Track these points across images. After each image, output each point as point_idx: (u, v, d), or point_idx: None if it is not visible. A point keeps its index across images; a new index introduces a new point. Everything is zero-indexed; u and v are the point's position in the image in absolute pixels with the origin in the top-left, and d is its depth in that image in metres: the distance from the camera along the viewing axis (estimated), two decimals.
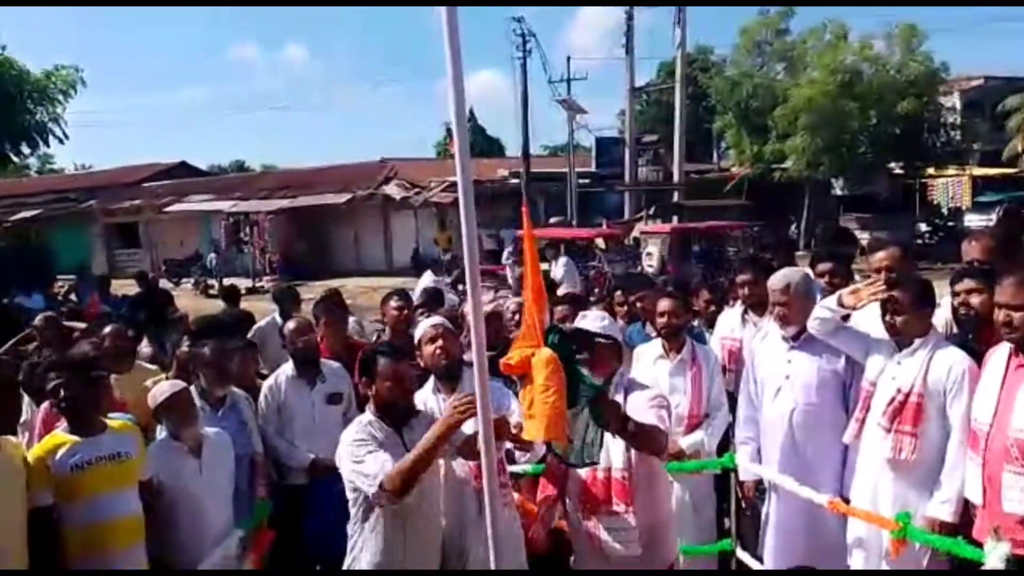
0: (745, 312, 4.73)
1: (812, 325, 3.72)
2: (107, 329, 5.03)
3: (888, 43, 24.87)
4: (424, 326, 3.62)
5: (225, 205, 29.29)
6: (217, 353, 4.27)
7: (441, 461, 3.20)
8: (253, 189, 31.79)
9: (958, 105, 29.37)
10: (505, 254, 18.85)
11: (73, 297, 12.46)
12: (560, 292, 8.26)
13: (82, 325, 6.42)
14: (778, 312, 3.91)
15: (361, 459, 3.00)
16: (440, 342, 3.50)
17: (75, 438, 3.29)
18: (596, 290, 13.19)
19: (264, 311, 7.43)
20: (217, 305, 9.82)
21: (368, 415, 3.20)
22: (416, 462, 2.90)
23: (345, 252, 28.46)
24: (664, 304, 4.34)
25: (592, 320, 3.20)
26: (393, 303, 5.43)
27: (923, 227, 24.42)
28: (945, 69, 25.44)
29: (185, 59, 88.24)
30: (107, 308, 9.81)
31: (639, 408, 2.96)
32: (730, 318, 4.85)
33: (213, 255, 25.74)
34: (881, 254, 3.97)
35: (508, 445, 3.33)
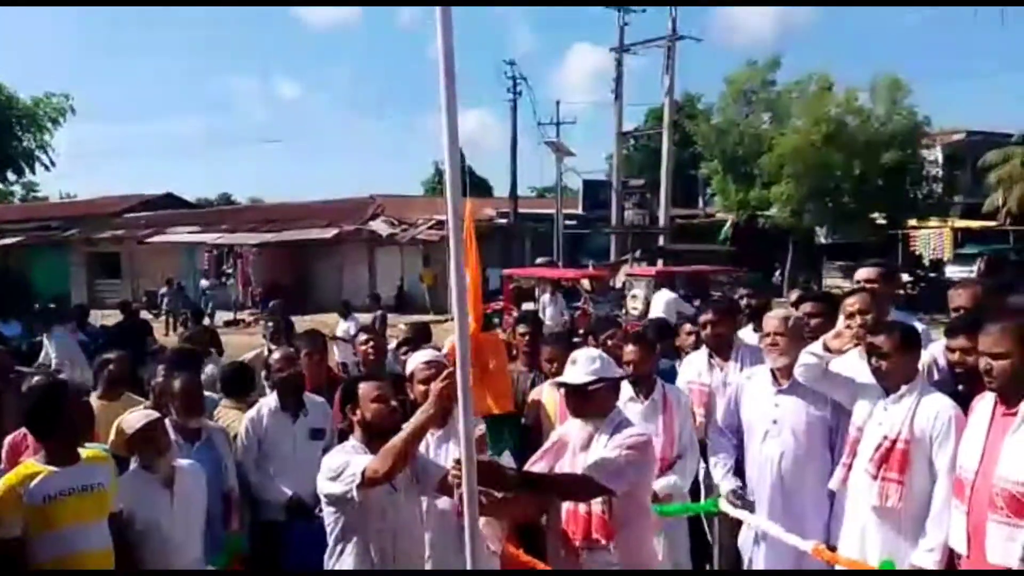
0: (710, 356, 4.68)
1: (799, 372, 3.72)
2: (112, 355, 5.07)
3: (872, 96, 25.46)
4: (416, 361, 3.55)
5: (209, 237, 29.18)
6: (188, 384, 4.20)
7: (424, 499, 3.15)
8: (239, 222, 31.73)
9: (940, 158, 30.00)
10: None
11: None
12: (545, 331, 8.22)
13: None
14: (772, 340, 3.91)
15: (342, 465, 2.97)
16: (432, 374, 3.38)
17: (50, 467, 3.21)
18: (580, 331, 13.18)
19: (245, 344, 7.39)
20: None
21: (352, 440, 3.16)
22: (399, 450, 2.86)
23: (329, 287, 28.35)
24: (628, 351, 4.27)
25: (582, 365, 3.10)
26: (361, 340, 5.45)
27: (905, 277, 24.73)
28: (928, 123, 26.05)
29: (177, 90, 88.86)
30: (84, 338, 9.67)
31: (610, 447, 2.94)
32: (695, 362, 4.79)
33: (204, 281, 25.29)
34: (852, 299, 3.96)
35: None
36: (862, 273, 4.17)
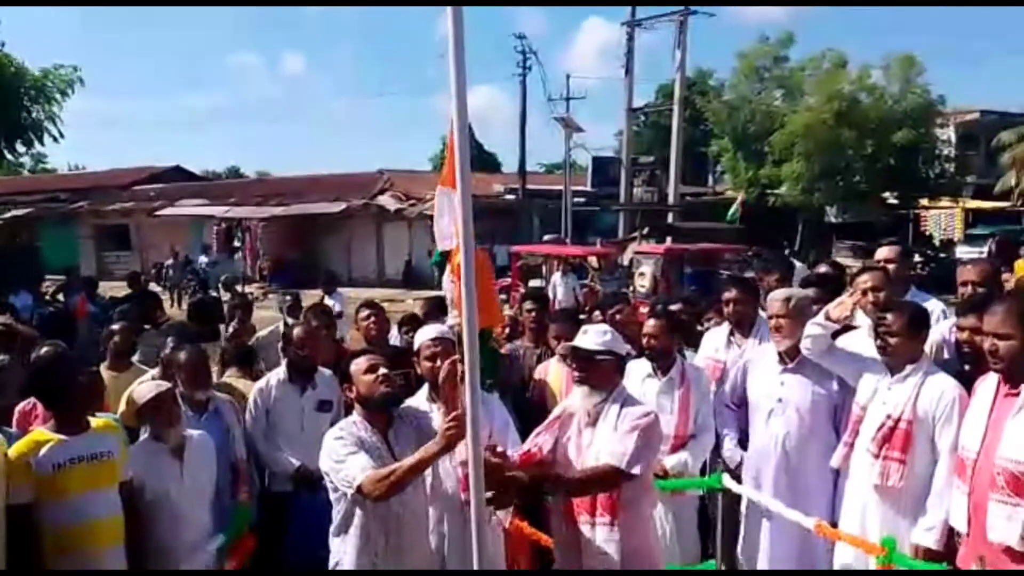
0: (731, 333, 4.68)
1: (805, 344, 3.74)
2: (117, 326, 5.17)
3: (886, 73, 25.15)
4: (423, 337, 3.55)
5: (218, 211, 29.22)
6: (195, 356, 4.25)
7: (428, 472, 3.18)
8: (247, 196, 31.74)
9: (953, 138, 29.70)
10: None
11: (60, 298, 12.36)
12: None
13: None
14: (775, 324, 3.94)
15: (342, 459, 3.00)
16: (438, 360, 3.35)
17: (59, 436, 3.25)
18: (587, 308, 13.18)
19: (255, 319, 7.43)
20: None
21: (354, 416, 3.20)
22: (398, 478, 2.91)
23: (336, 262, 28.39)
24: (648, 326, 4.29)
25: (593, 335, 3.14)
26: (363, 315, 5.44)
27: (916, 257, 24.59)
28: (942, 102, 25.72)
29: (186, 64, 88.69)
30: (94, 309, 9.73)
31: (621, 430, 2.97)
32: (715, 338, 4.80)
33: (203, 258, 25.40)
34: (865, 276, 4.00)
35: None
36: (881, 252, 4.22)
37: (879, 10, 62.35)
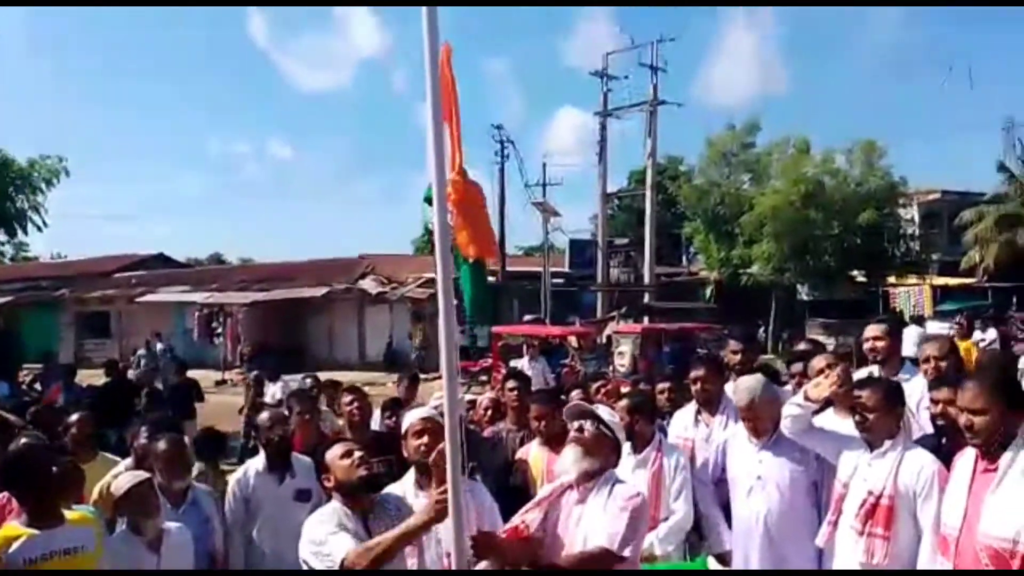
0: (698, 412, 4.71)
1: (785, 425, 3.76)
2: (73, 417, 5.04)
3: (849, 158, 26.13)
4: (412, 417, 3.52)
5: (199, 297, 29.11)
6: (171, 446, 4.17)
7: (415, 559, 3.14)
8: (230, 281, 31.70)
9: (916, 217, 30.66)
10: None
11: (38, 386, 12.16)
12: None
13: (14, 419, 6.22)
14: (748, 426, 3.98)
15: (323, 540, 2.96)
16: (426, 437, 3.35)
17: (31, 530, 3.18)
18: (567, 388, 13.17)
19: (232, 404, 7.39)
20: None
21: (333, 502, 3.16)
22: (384, 549, 2.86)
23: (319, 345, 28.24)
24: (622, 407, 4.31)
25: (606, 412, 3.31)
26: (345, 400, 5.41)
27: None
28: (904, 183, 26.71)
29: (171, 150, 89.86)
30: (68, 398, 9.59)
31: (611, 511, 3.00)
32: (683, 417, 4.82)
33: (160, 344, 23.51)
34: (819, 358, 4.14)
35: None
36: (870, 330, 4.31)
37: (841, 97, 65.35)
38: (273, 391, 9.84)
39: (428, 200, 2.77)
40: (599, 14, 66.19)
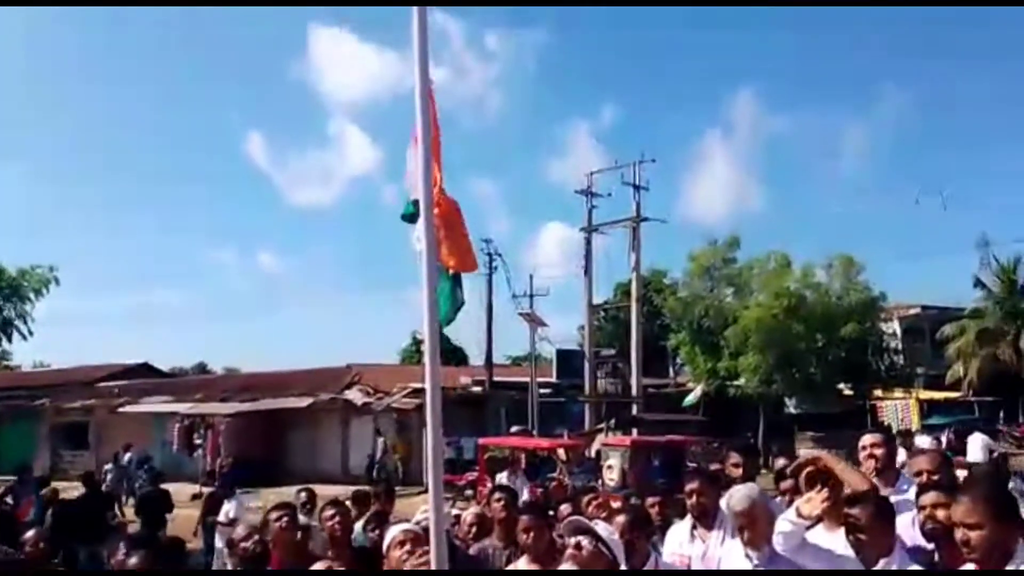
0: (694, 526, 4.66)
1: (777, 541, 3.71)
2: (30, 533, 4.97)
3: (828, 273, 26.85)
4: (395, 530, 3.58)
5: (182, 407, 28.79)
6: (143, 561, 4.06)
7: None
8: (214, 391, 31.44)
9: (899, 331, 31.20)
10: None
11: (9, 499, 11.90)
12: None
13: None
14: (744, 536, 3.91)
15: None
16: (409, 546, 3.41)
17: None
18: (556, 502, 12.99)
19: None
20: None
21: None
22: None
23: (302, 457, 27.74)
24: (618, 523, 4.21)
25: (604, 528, 3.35)
26: (327, 514, 5.32)
27: None
28: (883, 298, 27.32)
29: (162, 261, 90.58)
30: (38, 513, 9.44)
31: None
32: (678, 532, 4.75)
33: (127, 455, 22.98)
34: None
35: None
36: (868, 438, 4.35)
37: (817, 213, 67.69)
38: (227, 509, 9.70)
39: (406, 217, 2.98)
40: (583, 135, 69.02)
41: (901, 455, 8.03)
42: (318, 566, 3.23)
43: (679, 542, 4.69)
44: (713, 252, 28.34)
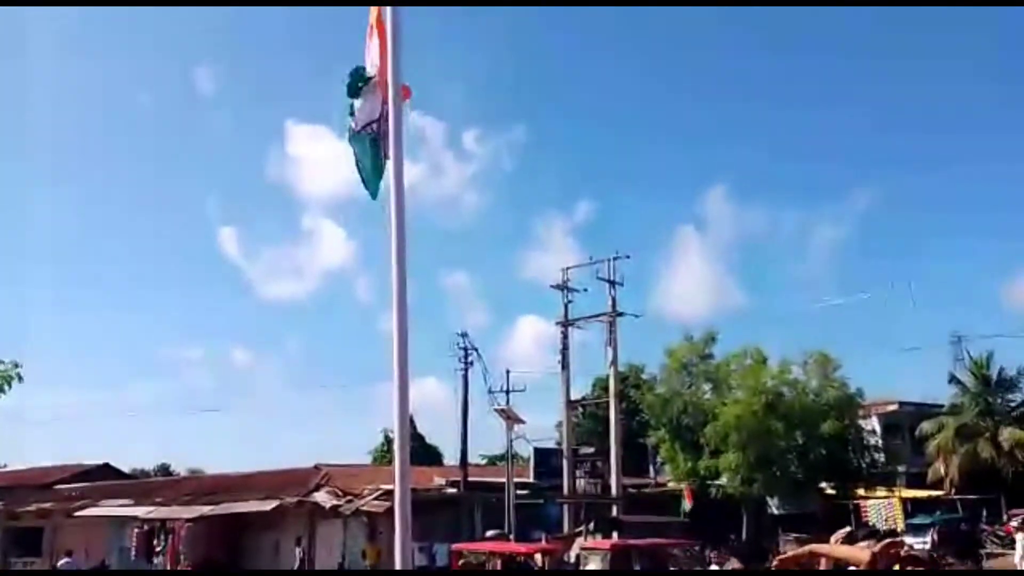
0: None
1: None
2: None
3: (805, 369, 26.88)
4: None
5: (141, 511, 27.59)
6: None
7: None
8: (176, 493, 30.27)
9: (878, 428, 31.05)
10: None
11: None
12: None
13: None
14: None
15: None
16: None
17: None
18: None
19: None
20: None
21: None
22: None
23: (267, 562, 26.50)
24: None
25: None
26: None
27: None
28: (860, 394, 27.29)
29: (130, 357, 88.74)
30: None
31: None
32: None
33: (66, 559, 21.91)
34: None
35: None
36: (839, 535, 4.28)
37: (794, 309, 68.55)
38: None
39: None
40: (559, 230, 70.28)
41: None
42: None
43: None
44: (690, 347, 28.37)
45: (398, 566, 2.47)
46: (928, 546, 18.81)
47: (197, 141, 79.07)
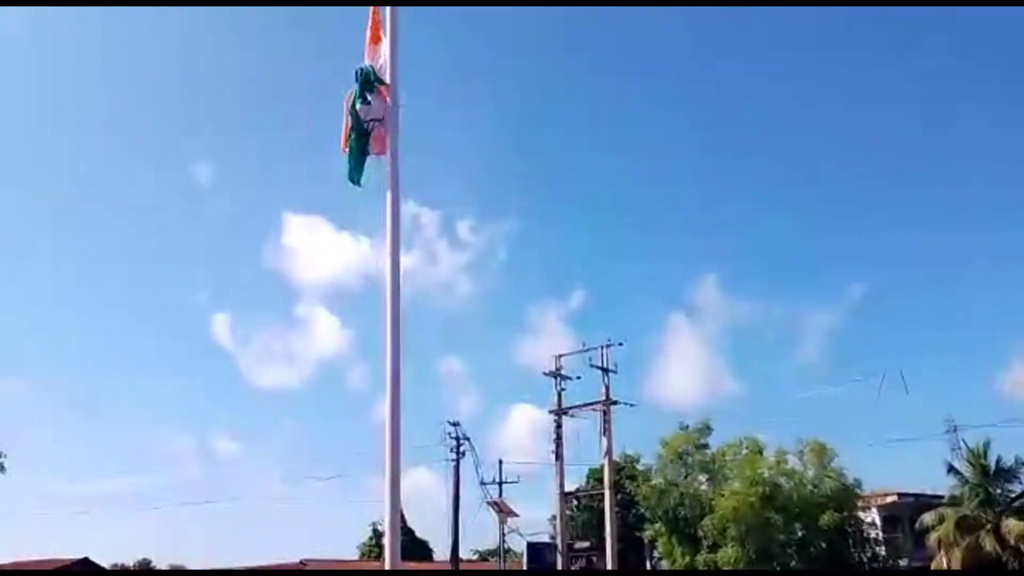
0: None
1: None
2: None
3: (801, 459, 26.53)
4: None
5: None
6: None
7: None
8: None
9: (878, 520, 30.40)
10: None
11: None
12: None
13: None
14: None
15: None
16: None
17: None
18: None
19: None
20: None
21: None
22: None
23: None
24: None
25: None
26: None
27: None
28: (858, 484, 26.84)
29: (115, 449, 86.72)
30: None
31: None
32: None
33: None
34: None
35: None
36: None
37: (788, 398, 68.17)
38: None
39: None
40: (552, 317, 70.45)
41: None
42: None
43: None
44: (685, 437, 28.05)
45: None
46: None
47: (194, 228, 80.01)
